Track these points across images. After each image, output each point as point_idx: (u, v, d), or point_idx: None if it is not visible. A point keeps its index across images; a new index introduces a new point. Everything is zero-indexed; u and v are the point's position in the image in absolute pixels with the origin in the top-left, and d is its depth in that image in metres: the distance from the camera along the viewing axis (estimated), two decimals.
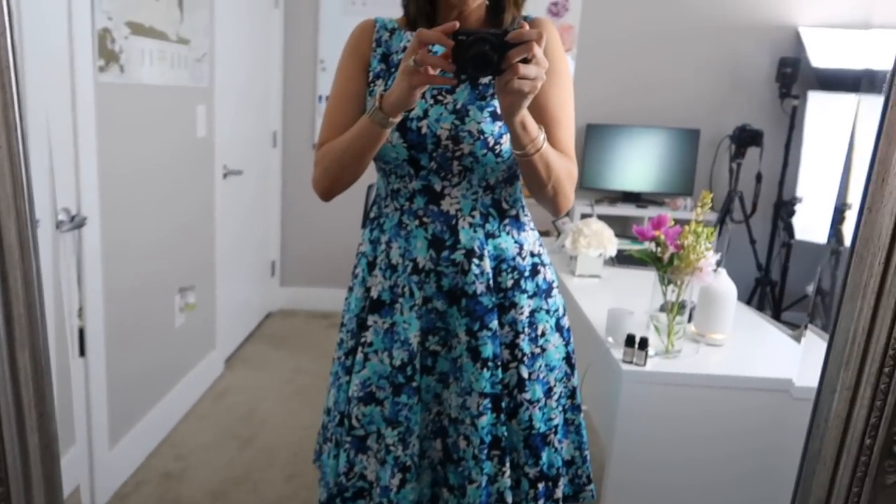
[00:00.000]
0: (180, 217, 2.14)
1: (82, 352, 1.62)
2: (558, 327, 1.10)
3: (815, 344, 1.31)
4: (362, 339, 1.04)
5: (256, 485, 1.89)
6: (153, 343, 2.00)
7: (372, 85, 1.03)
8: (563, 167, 0.97)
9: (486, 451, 1.01)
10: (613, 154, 3.04)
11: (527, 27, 0.82)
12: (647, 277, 1.56)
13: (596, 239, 1.98)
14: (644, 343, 1.44)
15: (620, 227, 2.55)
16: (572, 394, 1.13)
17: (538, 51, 0.81)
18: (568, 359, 1.13)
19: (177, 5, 2.02)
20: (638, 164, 3.05)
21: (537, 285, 1.07)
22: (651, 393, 1.44)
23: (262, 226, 3.08)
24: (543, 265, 1.09)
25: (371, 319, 1.04)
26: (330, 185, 1.02)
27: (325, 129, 1.05)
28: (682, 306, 1.47)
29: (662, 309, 1.47)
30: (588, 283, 2.02)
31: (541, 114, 0.95)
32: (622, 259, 2.10)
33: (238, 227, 2.70)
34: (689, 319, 1.58)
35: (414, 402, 1.02)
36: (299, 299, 3.23)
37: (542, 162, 0.93)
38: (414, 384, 1.02)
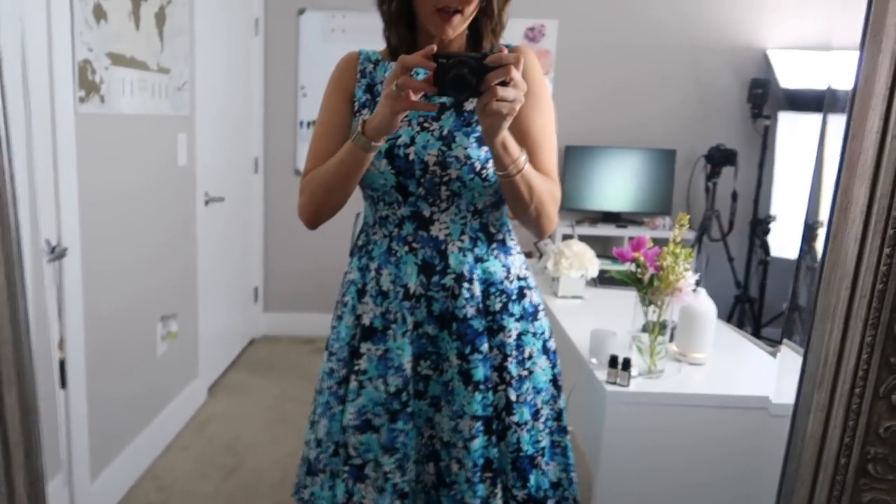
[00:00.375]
0: (162, 245, 2.13)
1: (63, 383, 1.60)
2: (545, 350, 1.12)
3: (791, 360, 1.34)
4: (355, 367, 1.05)
5: None
6: (135, 373, 1.98)
7: (357, 114, 1.06)
8: (546, 189, 1.00)
9: (478, 474, 1.03)
10: (593, 175, 3.10)
11: (506, 52, 0.85)
12: (628, 297, 1.58)
13: (577, 260, 2.01)
14: (627, 364, 1.46)
15: (601, 247, 2.58)
16: (559, 416, 1.15)
17: (516, 74, 0.84)
18: (555, 381, 1.14)
19: (157, 35, 2.03)
20: (617, 184, 3.11)
21: (524, 308, 1.09)
22: (635, 413, 1.45)
23: (245, 252, 3.07)
24: (529, 288, 1.11)
25: (364, 347, 1.05)
26: (316, 212, 1.04)
27: (310, 158, 1.07)
28: (663, 326, 1.50)
29: (644, 329, 1.49)
30: (571, 303, 2.04)
31: (522, 137, 0.98)
32: (604, 280, 2.13)
33: (220, 254, 2.70)
34: (671, 339, 1.61)
35: (409, 427, 1.03)
36: (283, 325, 3.22)
37: (524, 183, 0.95)
38: (409, 410, 1.03)
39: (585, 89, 3.15)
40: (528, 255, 2.52)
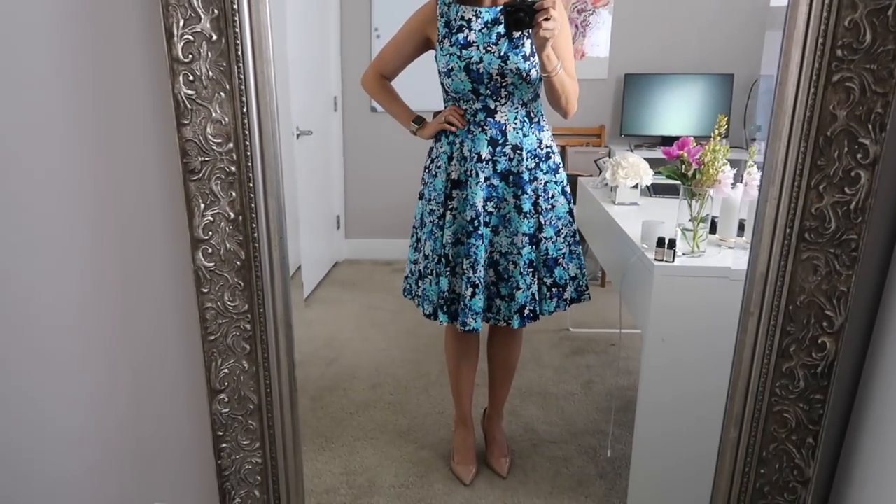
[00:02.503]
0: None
1: None
2: (563, 192, 1.81)
3: None
4: (450, 206, 1.71)
5: (346, 391, 2.38)
6: None
7: (440, 43, 1.71)
8: (571, 85, 1.70)
9: (527, 269, 1.68)
10: (651, 101, 3.41)
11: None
12: (678, 204, 1.95)
13: (633, 170, 2.38)
14: (672, 244, 1.84)
15: (660, 167, 2.92)
16: (574, 234, 1.85)
17: (553, 12, 1.50)
18: (570, 212, 1.84)
19: None
20: (675, 109, 3.41)
21: (549, 165, 1.78)
22: (679, 285, 1.84)
23: (327, 183, 3.57)
24: (553, 153, 1.81)
25: (454, 193, 1.75)
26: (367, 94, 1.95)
27: (379, 55, 1.88)
28: (704, 217, 1.87)
29: (689, 220, 1.87)
30: (627, 209, 2.42)
31: (556, 53, 1.62)
32: (658, 189, 2.49)
33: (309, 184, 3.19)
34: (714, 231, 1.97)
35: (479, 243, 1.67)
36: (363, 250, 3.72)
37: (559, 80, 1.65)
38: (479, 232, 1.67)
39: (643, 18, 3.44)
40: (590, 175, 2.90)
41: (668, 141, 3.44)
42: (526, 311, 1.77)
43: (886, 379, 1.01)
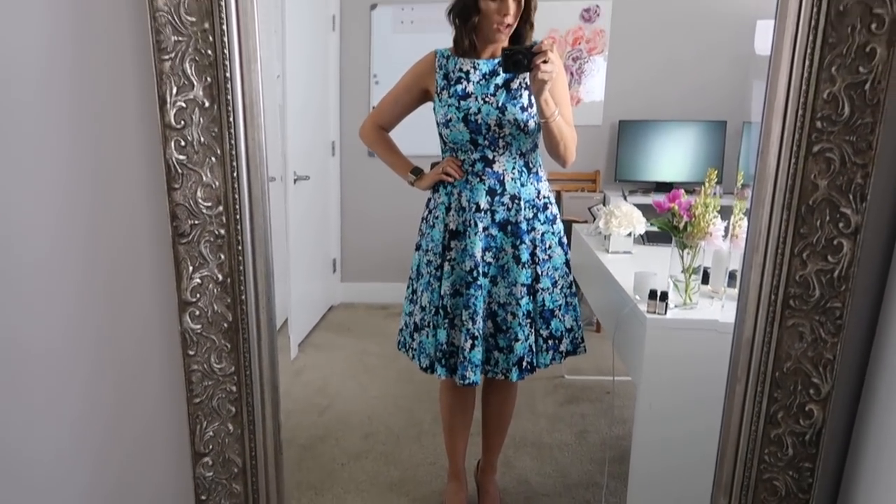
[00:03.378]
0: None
1: None
2: (560, 243, 1.83)
3: None
4: (448, 256, 1.71)
5: (338, 441, 2.35)
6: None
7: (438, 95, 1.74)
8: (569, 132, 1.72)
9: (525, 320, 1.68)
10: (645, 147, 3.46)
11: (546, 43, 1.50)
12: (670, 255, 1.96)
13: (626, 219, 2.39)
14: (664, 296, 1.85)
15: (654, 214, 2.94)
16: (570, 285, 1.87)
17: (552, 56, 1.53)
18: (567, 263, 1.86)
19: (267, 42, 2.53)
20: (669, 155, 3.46)
21: (547, 216, 1.80)
22: (671, 338, 1.84)
23: (324, 226, 3.58)
24: (551, 203, 1.83)
25: (452, 244, 1.76)
26: (366, 145, 1.96)
27: (378, 107, 1.91)
28: (696, 268, 1.88)
29: (681, 271, 1.88)
30: (620, 257, 2.43)
31: (554, 100, 1.65)
32: (651, 238, 2.50)
33: (305, 228, 3.21)
34: (706, 281, 1.98)
35: (478, 294, 1.67)
36: (359, 293, 3.72)
37: (557, 127, 1.67)
38: (478, 282, 1.67)
39: (637, 66, 3.51)
40: (584, 222, 2.92)
41: (662, 186, 3.49)
42: (524, 364, 1.76)
43: (876, 448, 1.00)
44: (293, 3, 2.88)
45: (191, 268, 1.03)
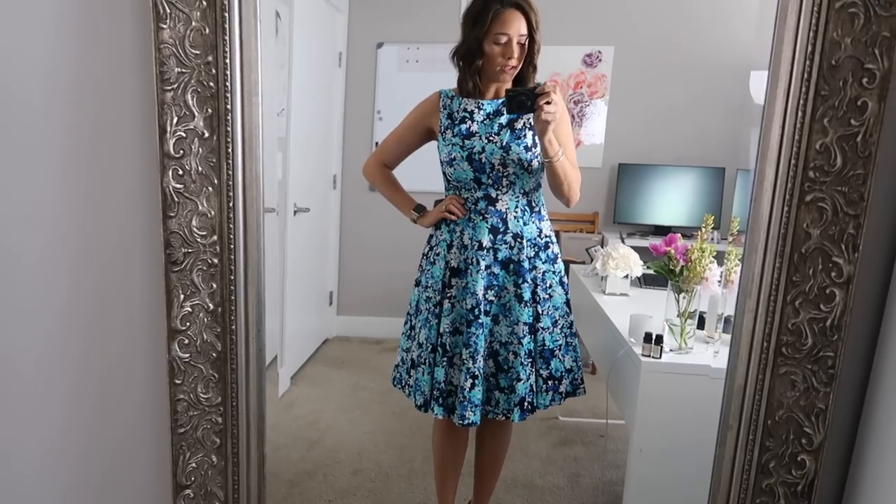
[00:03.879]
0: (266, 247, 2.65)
1: None
2: (561, 283, 1.83)
3: None
4: (448, 294, 1.70)
5: (326, 477, 2.31)
6: None
7: (442, 134, 1.76)
8: (573, 172, 1.74)
9: (527, 360, 1.66)
10: (645, 191, 3.48)
11: (549, 85, 1.53)
12: (666, 299, 1.96)
13: (623, 261, 2.40)
14: (660, 339, 1.84)
15: (651, 257, 2.94)
16: (571, 325, 1.85)
17: (555, 97, 1.56)
18: (567, 303, 1.85)
19: (269, 75, 2.58)
20: (668, 199, 3.47)
21: (548, 255, 1.80)
22: (666, 381, 1.83)
23: (322, 259, 3.59)
24: (552, 242, 1.84)
25: (453, 281, 1.75)
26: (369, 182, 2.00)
27: (381, 147, 1.98)
28: (692, 313, 1.88)
29: (677, 315, 1.88)
30: (617, 299, 2.42)
31: (557, 141, 1.68)
32: (648, 280, 2.50)
33: (303, 260, 3.21)
34: (702, 326, 1.97)
35: (480, 332, 1.64)
36: (354, 327, 3.69)
37: (561, 167, 1.68)
38: (480, 321, 1.65)
39: (638, 111, 3.55)
40: (582, 262, 2.92)
41: (660, 230, 3.49)
42: (525, 404, 1.74)
43: (869, 501, 0.98)
44: (301, 38, 2.93)
45: (182, 296, 1.02)
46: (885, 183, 0.97)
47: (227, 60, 0.96)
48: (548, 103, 1.54)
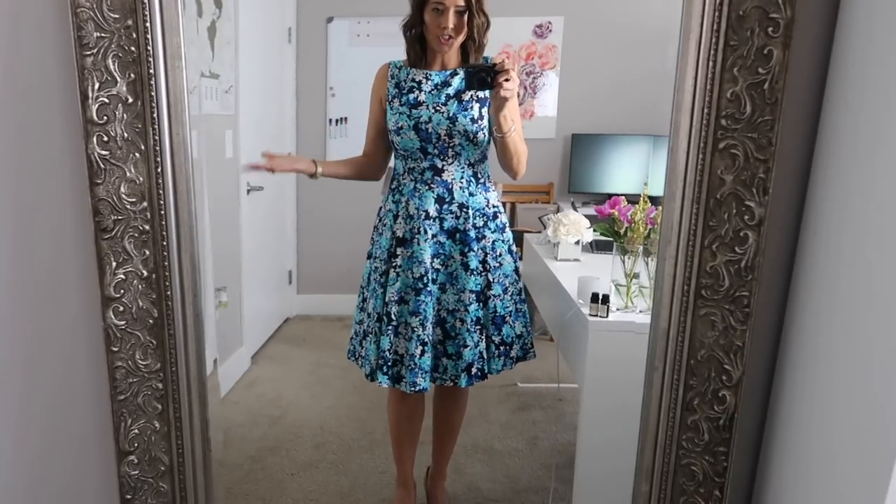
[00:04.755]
0: (215, 228, 2.63)
1: None
2: (510, 251, 1.86)
3: None
4: (394, 263, 1.72)
5: (288, 452, 2.34)
6: None
7: (391, 101, 1.77)
8: (522, 146, 1.77)
9: (474, 327, 1.69)
10: (598, 160, 3.54)
11: (506, 61, 1.55)
12: (612, 260, 2.01)
13: (574, 227, 2.44)
14: (606, 299, 1.89)
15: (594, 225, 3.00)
16: (520, 292, 1.82)
17: (513, 74, 1.58)
18: (516, 270, 1.88)
19: (209, 46, 2.55)
20: (620, 168, 3.54)
21: (497, 225, 1.81)
22: (613, 339, 1.88)
23: (280, 238, 3.57)
24: (500, 212, 1.79)
25: (399, 251, 1.72)
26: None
27: (366, 144, 1.90)
28: (637, 273, 1.93)
29: (623, 276, 1.93)
30: (569, 265, 2.47)
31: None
32: (599, 246, 2.56)
33: (259, 239, 3.20)
34: (641, 286, 2.03)
35: (428, 300, 1.68)
36: (315, 305, 3.71)
37: (512, 141, 1.71)
38: (428, 289, 1.68)
39: (590, 81, 3.60)
40: (538, 232, 2.96)
41: (613, 198, 3.56)
42: (473, 370, 1.77)
43: (787, 432, 1.04)
44: (248, 14, 2.89)
45: (114, 263, 1.03)
46: (792, 128, 1.02)
47: (148, 24, 0.97)
48: (507, 80, 1.56)
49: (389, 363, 1.76)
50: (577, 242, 2.49)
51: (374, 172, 1.90)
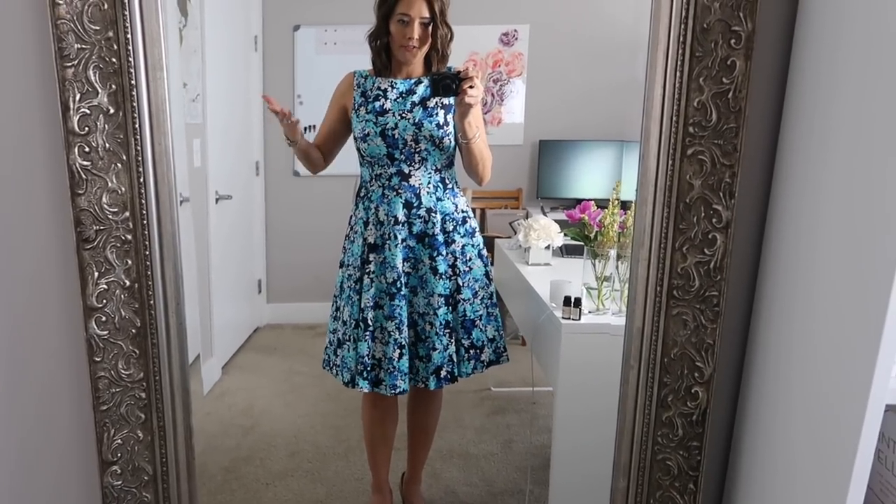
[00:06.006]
0: (185, 236, 2.61)
1: None
2: (479, 255, 1.90)
3: None
4: (367, 270, 1.74)
5: (263, 461, 2.33)
6: None
7: (356, 112, 1.81)
8: (487, 152, 1.83)
9: (443, 330, 1.72)
10: (565, 166, 3.61)
11: (471, 69, 1.61)
12: (583, 264, 2.07)
13: (544, 232, 2.50)
14: (578, 302, 1.94)
15: (565, 229, 3.06)
16: (491, 296, 1.94)
17: (477, 81, 1.65)
18: (487, 275, 1.93)
19: (177, 55, 2.53)
20: (588, 174, 3.62)
21: (466, 229, 1.86)
22: (585, 342, 1.94)
23: (248, 247, 3.56)
24: (469, 217, 1.86)
25: (371, 257, 1.74)
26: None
27: (316, 138, 1.96)
28: (608, 276, 1.99)
29: (595, 279, 1.98)
30: (540, 269, 2.53)
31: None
32: (569, 250, 2.62)
33: (228, 248, 3.18)
34: (614, 288, 2.09)
35: (402, 304, 1.71)
36: (285, 314, 3.69)
37: (477, 147, 1.77)
38: (402, 293, 1.71)
39: (556, 88, 3.67)
40: (508, 237, 3.01)
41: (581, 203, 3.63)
42: (443, 373, 1.80)
43: (755, 425, 1.10)
44: (213, 22, 2.88)
45: (96, 273, 1.03)
46: (755, 134, 1.08)
47: (129, 36, 0.98)
48: (471, 87, 1.61)
49: (368, 368, 1.78)
50: (548, 247, 2.55)
51: (319, 164, 1.98)
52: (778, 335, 1.04)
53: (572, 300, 1.94)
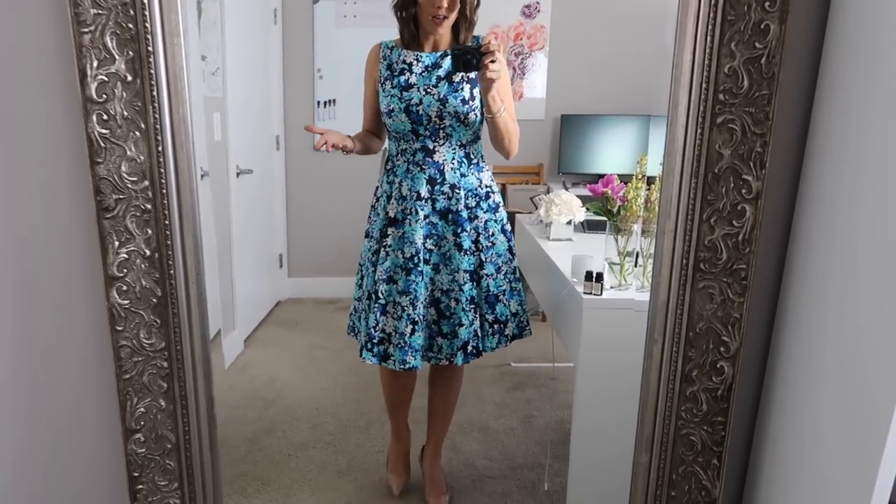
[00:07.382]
0: (205, 211, 2.62)
1: None
2: (503, 230, 1.86)
3: None
4: (384, 243, 1.72)
5: (285, 433, 2.35)
6: None
7: (384, 84, 1.77)
8: (513, 126, 1.78)
9: (468, 306, 1.71)
10: (588, 141, 3.55)
11: (493, 42, 1.54)
12: (605, 239, 2.03)
13: (566, 207, 2.46)
14: (600, 277, 1.91)
15: (592, 201, 3.02)
16: (514, 271, 1.90)
17: (499, 55, 1.58)
18: (510, 249, 1.89)
19: (196, 28, 2.52)
20: (610, 148, 3.56)
21: (489, 205, 1.83)
22: (607, 317, 1.91)
23: (269, 221, 3.57)
24: (493, 192, 1.81)
25: (390, 231, 1.72)
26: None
27: (364, 122, 1.90)
28: (630, 251, 1.95)
29: (617, 254, 1.95)
30: (561, 244, 2.50)
31: (499, 97, 1.65)
32: (591, 225, 2.58)
33: (249, 223, 3.19)
34: (638, 264, 2.06)
35: (419, 280, 1.69)
36: (306, 288, 3.71)
37: (503, 122, 1.72)
38: (419, 269, 1.69)
39: (578, 61, 3.60)
40: (529, 212, 2.98)
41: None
42: (469, 348, 1.79)
43: (783, 401, 1.07)
44: None
45: (117, 242, 1.03)
46: (788, 102, 1.03)
47: (145, 0, 0.96)
48: (493, 62, 1.57)
49: (375, 341, 1.77)
50: (570, 222, 2.52)
51: (378, 144, 1.92)
52: (809, 310, 1.00)
53: (594, 275, 1.91)
